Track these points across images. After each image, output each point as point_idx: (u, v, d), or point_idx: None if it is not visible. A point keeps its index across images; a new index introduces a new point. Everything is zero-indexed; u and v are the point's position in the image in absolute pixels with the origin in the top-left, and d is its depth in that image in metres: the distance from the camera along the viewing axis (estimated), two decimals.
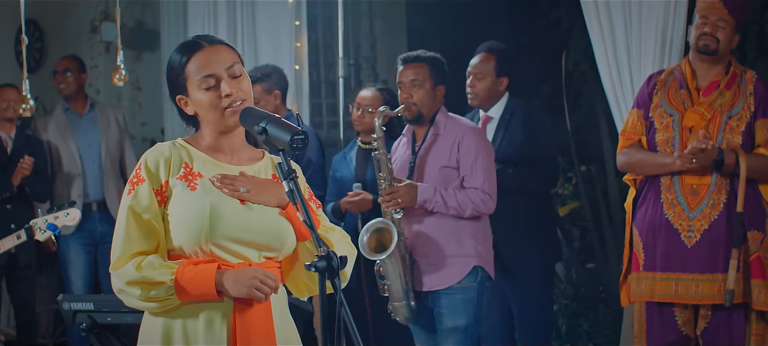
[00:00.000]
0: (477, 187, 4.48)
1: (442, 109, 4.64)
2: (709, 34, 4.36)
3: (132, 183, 2.68)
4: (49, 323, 7.18)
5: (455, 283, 4.49)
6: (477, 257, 4.51)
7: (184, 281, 2.62)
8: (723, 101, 4.34)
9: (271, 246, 2.73)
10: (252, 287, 2.64)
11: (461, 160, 4.52)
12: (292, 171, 2.63)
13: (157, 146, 2.74)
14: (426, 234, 4.53)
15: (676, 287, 4.32)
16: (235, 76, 2.73)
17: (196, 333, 2.67)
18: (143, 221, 2.66)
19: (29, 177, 6.03)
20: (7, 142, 6.14)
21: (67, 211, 4.89)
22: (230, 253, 2.68)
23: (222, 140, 2.77)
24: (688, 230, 4.32)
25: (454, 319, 4.49)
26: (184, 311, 2.68)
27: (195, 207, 2.65)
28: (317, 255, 2.59)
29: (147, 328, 2.75)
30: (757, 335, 4.28)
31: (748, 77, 4.38)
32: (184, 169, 2.70)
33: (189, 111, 2.76)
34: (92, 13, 7.66)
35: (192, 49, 2.73)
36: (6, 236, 5.00)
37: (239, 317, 2.67)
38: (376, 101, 5.32)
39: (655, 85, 4.50)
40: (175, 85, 2.75)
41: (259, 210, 2.72)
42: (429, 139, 4.60)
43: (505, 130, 5.10)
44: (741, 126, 4.31)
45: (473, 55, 5.26)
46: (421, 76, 4.58)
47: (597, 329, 6.62)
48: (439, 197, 4.45)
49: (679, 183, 4.35)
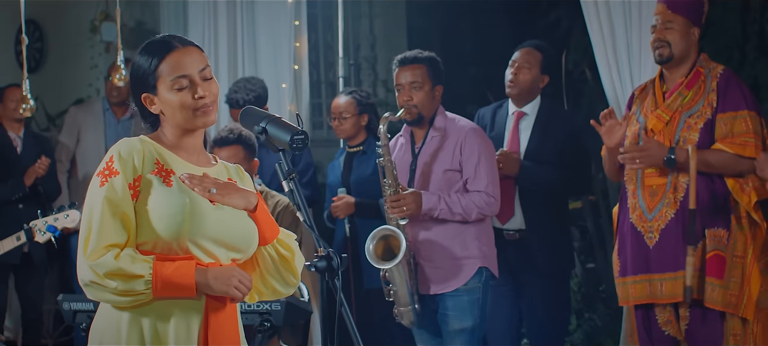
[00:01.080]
0: (481, 190, 4.47)
1: (441, 110, 4.63)
2: (658, 40, 4.37)
3: (104, 175, 2.66)
4: (49, 323, 7.18)
5: (462, 285, 4.48)
6: (482, 257, 4.50)
7: (163, 275, 2.60)
8: (683, 101, 4.35)
9: (240, 247, 2.74)
10: (231, 285, 2.65)
11: (464, 163, 4.50)
12: (292, 171, 2.64)
13: (126, 140, 2.73)
14: (430, 238, 4.51)
15: (650, 288, 4.37)
16: (207, 78, 2.74)
17: (167, 331, 2.66)
18: (118, 213, 2.63)
19: (43, 176, 6.04)
20: (17, 142, 6.15)
21: (67, 212, 4.88)
22: (204, 251, 2.68)
23: (185, 140, 2.77)
24: (649, 231, 4.36)
25: (461, 321, 4.48)
26: (153, 308, 2.66)
27: (174, 203, 2.64)
28: (317, 255, 2.59)
29: (108, 325, 2.70)
30: (734, 335, 4.28)
31: (714, 73, 4.37)
32: (156, 165, 2.69)
33: (154, 110, 2.75)
34: (92, 13, 7.66)
35: (165, 49, 2.72)
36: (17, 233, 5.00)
37: (212, 315, 2.68)
38: (351, 107, 5.34)
39: (633, 95, 4.58)
40: (142, 84, 2.74)
41: (229, 211, 2.72)
42: (429, 141, 4.58)
43: (546, 130, 5.03)
44: (699, 123, 4.31)
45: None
46: (420, 78, 4.56)
47: (597, 329, 6.62)
48: (444, 204, 4.44)
49: (640, 187, 4.39)
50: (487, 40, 5.42)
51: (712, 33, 7.36)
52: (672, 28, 4.34)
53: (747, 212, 4.26)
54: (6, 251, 5.07)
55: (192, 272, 2.62)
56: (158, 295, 2.62)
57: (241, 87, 5.71)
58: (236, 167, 2.87)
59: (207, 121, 2.73)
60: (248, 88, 5.70)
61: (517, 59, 5.11)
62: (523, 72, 5.07)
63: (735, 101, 4.29)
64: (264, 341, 4.26)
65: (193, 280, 2.62)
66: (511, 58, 5.12)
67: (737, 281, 4.23)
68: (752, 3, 7.11)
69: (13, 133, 6.15)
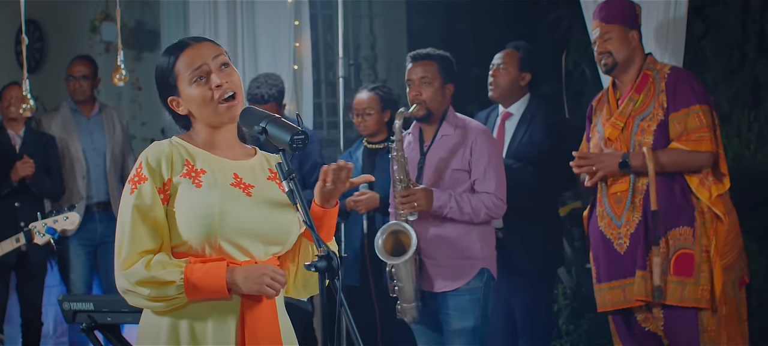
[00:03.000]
0: (490, 192, 4.48)
1: (451, 109, 4.65)
2: (601, 53, 4.50)
3: (133, 182, 2.68)
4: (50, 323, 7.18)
5: (463, 285, 4.49)
6: (483, 259, 4.52)
7: (194, 279, 2.62)
8: (635, 106, 4.42)
9: (277, 240, 2.74)
10: (263, 283, 2.65)
11: (473, 164, 4.52)
12: (293, 171, 2.64)
13: (156, 144, 2.74)
14: (435, 236, 4.52)
15: (624, 293, 4.44)
16: (224, 65, 2.74)
17: (204, 332, 2.67)
18: (149, 219, 2.65)
19: (36, 176, 6.02)
20: (16, 141, 6.15)
21: (66, 215, 4.88)
22: (238, 249, 2.68)
23: (216, 136, 2.77)
24: (618, 238, 4.43)
25: (463, 320, 4.50)
26: (190, 310, 2.67)
27: (203, 204, 2.64)
28: (317, 255, 2.59)
29: (149, 327, 2.74)
30: (708, 332, 4.33)
31: (662, 74, 4.44)
32: (186, 166, 2.70)
33: (182, 111, 2.76)
34: (92, 13, 7.66)
35: (179, 48, 2.75)
36: (15, 233, 5.00)
37: (248, 314, 2.68)
38: (374, 103, 5.32)
39: (592, 107, 4.66)
40: (165, 87, 2.76)
41: (265, 204, 2.72)
42: (439, 140, 4.60)
43: (527, 128, 5.09)
44: (652, 126, 4.38)
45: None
46: (431, 74, 4.58)
47: (597, 329, 6.61)
48: (455, 202, 4.45)
49: (606, 195, 4.46)
50: (487, 40, 5.43)
51: (712, 33, 7.37)
52: (610, 38, 4.47)
53: (709, 206, 4.31)
54: (5, 253, 5.07)
55: (223, 273, 2.62)
56: (191, 298, 2.63)
57: (262, 82, 5.69)
58: (276, 157, 2.86)
59: (233, 114, 2.73)
60: (270, 83, 5.68)
61: (495, 62, 5.23)
62: (501, 73, 5.19)
63: (685, 98, 4.36)
64: None
65: (224, 281, 2.63)
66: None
67: (706, 275, 4.30)
68: (752, 3, 7.11)
69: (12, 132, 6.15)
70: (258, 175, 2.78)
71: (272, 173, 2.80)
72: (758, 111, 7.25)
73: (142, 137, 7.83)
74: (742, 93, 7.41)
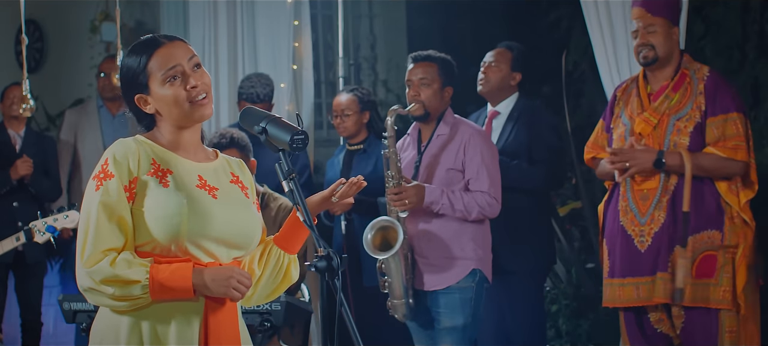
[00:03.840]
0: (484, 190, 4.49)
1: (449, 111, 4.66)
2: (643, 44, 4.40)
3: (99, 178, 2.63)
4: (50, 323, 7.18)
5: (453, 284, 4.49)
6: (476, 260, 4.52)
7: (160, 279, 2.58)
8: (671, 104, 4.37)
9: (242, 244, 2.73)
10: (230, 286, 2.63)
11: (467, 164, 4.53)
12: (292, 171, 2.63)
13: (121, 141, 2.70)
14: (427, 235, 4.53)
15: (637, 291, 4.39)
16: (196, 66, 2.71)
17: (166, 333, 2.64)
18: (114, 217, 2.61)
19: (34, 177, 6.03)
20: (16, 140, 6.16)
21: (66, 213, 4.88)
22: (203, 251, 2.66)
23: (181, 137, 2.74)
24: (640, 235, 4.38)
25: (452, 318, 4.50)
26: (152, 310, 2.64)
27: (171, 204, 2.62)
28: (317, 255, 2.59)
29: (107, 327, 2.69)
30: (730, 332, 4.31)
31: (700, 75, 4.39)
32: (152, 165, 2.67)
33: (149, 110, 2.72)
34: (92, 13, 7.66)
35: (152, 46, 2.71)
36: (12, 232, 4.99)
37: (212, 316, 2.66)
38: (352, 104, 5.36)
39: (616, 96, 4.59)
40: (134, 85, 2.71)
41: (232, 208, 2.71)
42: (435, 140, 4.61)
43: (514, 127, 5.11)
44: (689, 127, 4.34)
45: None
46: (430, 76, 4.59)
47: (597, 329, 6.61)
48: (446, 199, 4.46)
49: (631, 190, 4.41)
50: (487, 40, 5.42)
51: (712, 33, 7.36)
52: (655, 31, 4.38)
53: (738, 212, 4.30)
54: (5, 251, 5.06)
55: (189, 274, 2.60)
56: (156, 298, 2.61)
57: (255, 82, 5.71)
58: (238, 162, 2.85)
59: (204, 113, 2.71)
60: (263, 83, 5.71)
61: (487, 59, 5.23)
62: (492, 71, 5.20)
63: (725, 104, 4.33)
64: (264, 341, 4.26)
65: (190, 282, 2.60)
66: None
67: (728, 276, 4.28)
68: (752, 3, 7.11)
69: (12, 132, 6.16)
70: (221, 177, 2.76)
71: (234, 177, 2.78)
72: (758, 111, 7.24)
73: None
74: (742, 93, 7.39)
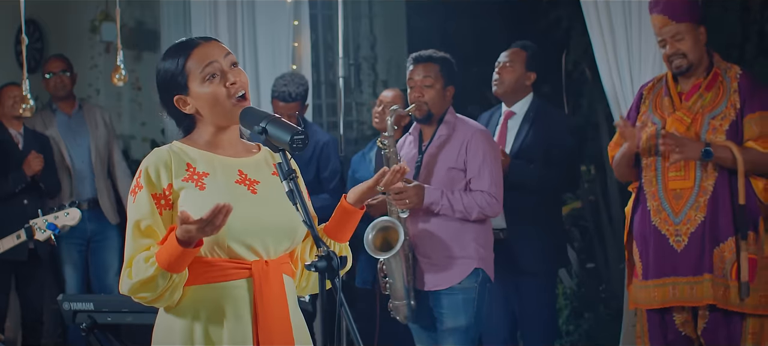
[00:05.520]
0: (484, 190, 4.48)
1: (451, 110, 4.66)
2: (674, 54, 4.32)
3: (133, 192, 2.68)
4: (49, 323, 7.17)
5: (456, 284, 4.49)
6: (478, 259, 4.52)
7: (165, 260, 2.58)
8: (704, 103, 4.33)
9: (285, 236, 2.74)
10: (182, 232, 2.56)
11: (468, 163, 4.52)
12: (292, 171, 2.64)
13: (155, 152, 2.73)
14: (429, 234, 4.53)
15: (673, 291, 4.34)
16: (234, 64, 2.74)
17: (219, 333, 2.67)
18: (145, 230, 2.65)
19: (43, 172, 6.04)
20: (18, 139, 6.18)
21: (67, 210, 4.89)
22: (247, 248, 2.68)
23: (221, 136, 2.77)
24: (676, 235, 4.32)
25: (455, 319, 4.50)
26: (205, 311, 2.67)
27: (208, 205, 2.59)
28: (317, 255, 2.59)
29: (161, 330, 2.74)
30: (753, 334, 4.28)
31: (732, 74, 4.35)
32: (187, 170, 2.69)
33: (189, 110, 2.75)
34: (92, 13, 7.66)
35: (189, 46, 2.74)
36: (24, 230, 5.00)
37: (261, 312, 2.67)
38: (398, 100, 5.34)
39: (642, 95, 4.53)
40: (173, 86, 2.74)
41: (272, 203, 2.72)
42: (436, 139, 4.61)
43: (531, 127, 5.09)
44: (724, 125, 4.29)
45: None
46: (432, 76, 4.59)
47: (597, 329, 6.61)
48: (446, 200, 4.45)
49: (663, 189, 4.35)
50: (487, 40, 5.43)
51: (712, 33, 7.36)
52: (682, 38, 4.30)
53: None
54: (6, 249, 5.07)
55: (175, 242, 2.57)
56: (177, 270, 2.59)
57: (289, 80, 5.71)
58: (281, 153, 2.85)
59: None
60: (297, 82, 5.71)
61: (502, 59, 5.23)
62: (507, 71, 5.19)
63: (762, 101, 4.28)
64: None
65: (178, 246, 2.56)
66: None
67: (764, 282, 4.23)
68: (752, 3, 7.11)
69: (13, 130, 6.18)
70: (263, 170, 2.79)
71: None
72: None
73: (142, 137, 7.83)
74: None
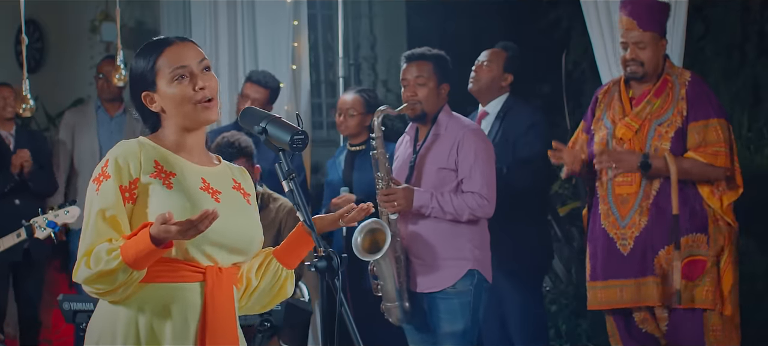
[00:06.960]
0: (475, 191, 4.43)
1: (446, 108, 4.60)
2: (632, 60, 4.40)
3: (97, 181, 2.63)
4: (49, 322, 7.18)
5: (449, 286, 4.44)
6: (473, 260, 4.46)
7: (131, 256, 2.53)
8: (652, 109, 4.40)
9: (241, 249, 2.71)
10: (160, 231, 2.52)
11: (460, 163, 4.47)
12: (292, 171, 2.63)
13: (123, 143, 2.69)
14: (422, 235, 4.48)
15: (621, 293, 4.44)
16: (206, 69, 2.71)
17: (162, 331, 2.62)
18: (108, 219, 2.60)
19: (32, 173, 6.03)
20: (9, 140, 6.17)
21: (67, 208, 4.88)
22: (204, 254, 2.65)
23: (186, 139, 2.73)
24: (622, 239, 4.42)
25: (452, 324, 4.45)
26: (150, 307, 2.62)
27: (175, 206, 2.59)
28: (317, 255, 2.59)
29: (102, 325, 2.67)
30: (714, 331, 4.35)
31: (682, 80, 4.41)
32: (155, 167, 2.66)
33: (155, 108, 2.71)
34: (92, 13, 7.66)
35: (163, 45, 2.71)
36: (15, 230, 4.99)
37: (210, 315, 2.64)
38: (357, 105, 5.34)
39: (597, 99, 4.60)
40: (142, 82, 2.71)
41: (233, 213, 2.70)
42: (430, 138, 4.55)
43: (500, 127, 5.09)
44: (670, 132, 4.36)
45: (473, 55, 5.27)
46: (426, 74, 4.54)
47: (597, 329, 6.61)
48: (436, 202, 4.41)
49: (611, 194, 4.44)
50: (487, 40, 5.42)
51: (712, 33, 7.37)
52: (644, 47, 4.38)
53: (721, 215, 4.34)
54: (6, 248, 5.06)
55: (147, 238, 2.52)
56: (140, 268, 2.55)
57: (267, 74, 5.76)
58: (240, 169, 2.84)
59: (209, 117, 2.69)
60: (274, 79, 5.77)
61: (481, 58, 5.24)
62: (483, 70, 5.20)
63: (705, 109, 4.36)
64: (264, 341, 4.26)
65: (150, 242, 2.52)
66: None
67: (712, 277, 4.32)
68: (752, 3, 7.12)
69: (4, 132, 6.17)
70: (224, 182, 2.75)
71: (236, 183, 2.77)
72: (758, 111, 7.25)
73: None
74: (742, 93, 7.41)
